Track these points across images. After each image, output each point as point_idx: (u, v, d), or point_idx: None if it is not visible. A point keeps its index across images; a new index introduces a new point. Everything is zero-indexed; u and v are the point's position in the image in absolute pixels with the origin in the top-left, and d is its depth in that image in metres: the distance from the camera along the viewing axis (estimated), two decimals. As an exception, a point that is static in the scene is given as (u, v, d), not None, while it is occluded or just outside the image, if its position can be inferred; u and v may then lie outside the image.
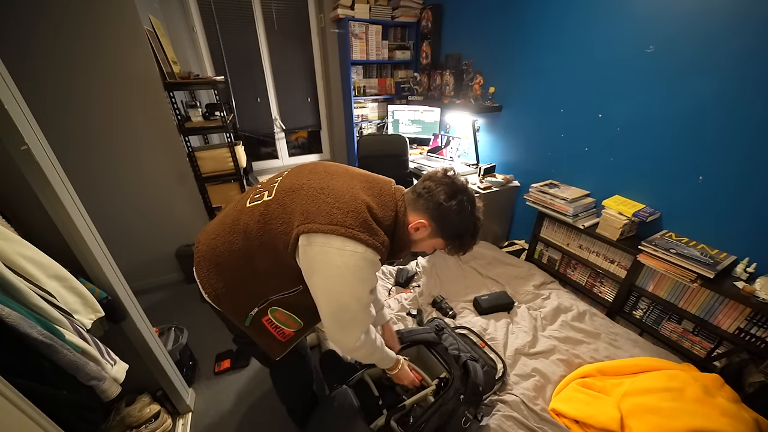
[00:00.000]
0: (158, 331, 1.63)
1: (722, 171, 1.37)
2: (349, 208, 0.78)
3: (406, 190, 0.93)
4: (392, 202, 0.86)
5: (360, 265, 0.78)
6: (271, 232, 0.81)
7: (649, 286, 1.59)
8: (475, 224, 0.90)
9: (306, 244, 0.76)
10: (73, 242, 1.02)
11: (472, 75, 2.43)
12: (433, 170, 0.94)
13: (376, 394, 1.20)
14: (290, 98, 3.31)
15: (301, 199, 0.80)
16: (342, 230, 0.75)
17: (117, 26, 1.77)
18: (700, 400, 1.08)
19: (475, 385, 1.16)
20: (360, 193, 0.83)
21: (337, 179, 0.85)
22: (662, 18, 1.43)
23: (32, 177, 0.91)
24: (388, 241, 0.83)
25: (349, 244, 0.75)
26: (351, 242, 0.75)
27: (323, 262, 0.76)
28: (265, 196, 0.86)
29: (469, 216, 0.88)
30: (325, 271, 0.77)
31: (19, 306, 0.75)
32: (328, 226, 0.75)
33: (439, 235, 0.90)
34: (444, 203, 0.85)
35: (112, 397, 0.92)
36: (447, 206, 0.85)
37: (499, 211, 2.39)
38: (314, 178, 0.85)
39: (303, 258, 0.78)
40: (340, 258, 0.75)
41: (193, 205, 2.40)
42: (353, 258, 0.76)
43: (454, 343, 1.46)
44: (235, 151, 2.38)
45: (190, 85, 2.23)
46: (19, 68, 1.19)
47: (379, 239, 0.79)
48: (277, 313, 0.92)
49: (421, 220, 0.87)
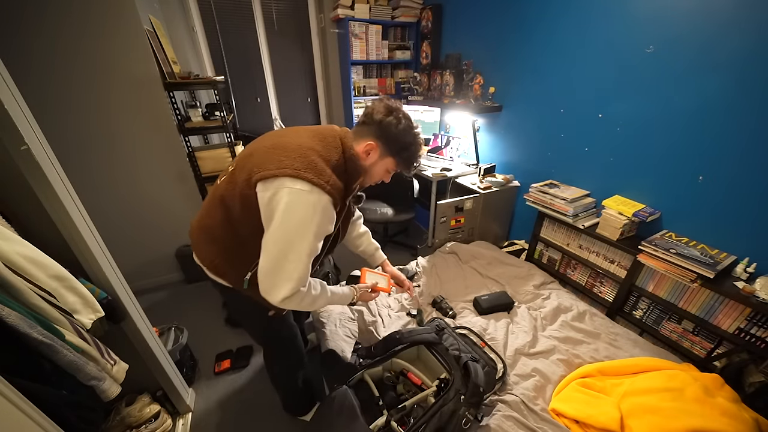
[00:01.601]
0: (158, 331, 1.63)
1: (722, 171, 1.37)
2: (296, 154, 0.87)
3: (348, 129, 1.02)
4: (335, 140, 0.95)
5: (305, 200, 0.85)
6: (237, 191, 0.90)
7: (649, 286, 1.59)
8: (414, 134, 1.01)
9: (262, 191, 0.85)
10: (73, 242, 1.02)
11: (472, 75, 2.43)
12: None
13: (377, 394, 1.20)
14: (290, 98, 3.31)
15: (255, 158, 0.90)
16: (289, 171, 0.84)
17: (117, 26, 1.77)
18: (700, 400, 1.08)
19: (475, 386, 1.16)
20: (306, 141, 0.92)
21: (286, 137, 0.95)
22: (662, 18, 1.43)
23: (32, 177, 0.91)
24: (336, 179, 0.90)
25: (296, 183, 0.84)
26: (298, 181, 0.84)
27: (273, 200, 0.84)
28: (230, 168, 0.99)
29: (407, 127, 0.98)
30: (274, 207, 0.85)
31: (19, 306, 0.75)
32: (277, 170, 0.84)
33: (387, 152, 1.00)
34: (384, 119, 0.96)
35: (112, 397, 0.92)
36: (387, 121, 0.96)
37: (499, 211, 2.39)
38: (265, 140, 0.97)
39: (262, 205, 0.86)
40: (288, 196, 0.83)
41: (194, 205, 2.40)
42: (298, 195, 0.84)
43: (454, 344, 1.46)
44: (235, 151, 2.38)
45: (190, 85, 2.23)
46: (20, 68, 1.19)
47: (325, 178, 0.87)
48: None
49: (369, 142, 0.98)
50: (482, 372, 1.23)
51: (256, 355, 1.89)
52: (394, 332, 1.43)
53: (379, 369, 1.35)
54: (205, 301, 2.33)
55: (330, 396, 1.16)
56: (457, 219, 2.26)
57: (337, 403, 1.11)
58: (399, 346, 1.36)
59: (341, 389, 1.16)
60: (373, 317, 1.72)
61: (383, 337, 1.44)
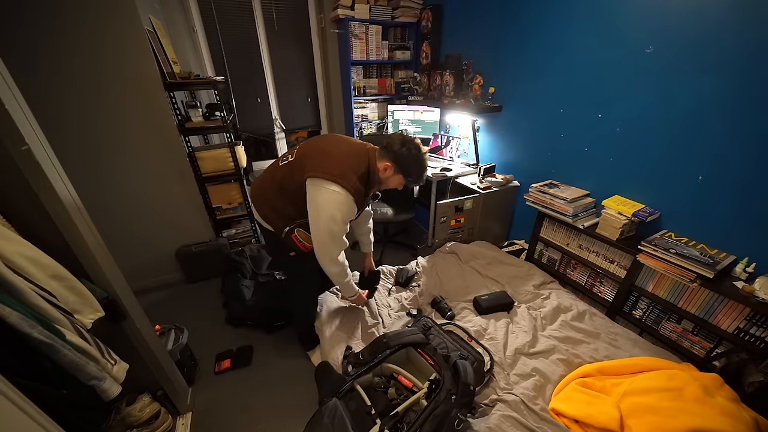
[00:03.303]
0: (158, 331, 1.63)
1: (722, 171, 1.37)
2: (336, 163, 1.29)
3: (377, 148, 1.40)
4: (365, 157, 1.36)
5: (336, 198, 1.26)
6: (293, 179, 1.34)
7: (648, 285, 1.60)
8: (420, 160, 1.35)
9: (310, 185, 1.29)
10: (74, 242, 1.02)
11: (472, 75, 2.43)
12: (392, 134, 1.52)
13: (368, 403, 1.19)
14: (290, 98, 3.31)
15: (309, 160, 1.33)
16: (327, 176, 1.26)
17: (117, 26, 1.77)
18: (700, 399, 1.08)
19: (466, 386, 1.16)
20: (344, 154, 1.34)
21: (332, 146, 1.38)
22: (662, 18, 1.43)
23: (32, 177, 0.91)
24: (360, 185, 1.31)
25: (330, 185, 1.26)
26: (332, 184, 1.26)
27: (316, 195, 1.28)
28: (290, 158, 1.40)
29: (416, 156, 1.34)
30: (316, 199, 1.28)
31: (19, 306, 0.75)
32: (320, 173, 1.26)
33: (399, 171, 1.36)
34: (399, 150, 1.33)
35: (112, 396, 0.92)
36: (401, 151, 1.33)
37: (498, 211, 2.39)
38: (319, 143, 1.42)
39: (307, 194, 1.30)
40: (324, 193, 1.27)
41: (194, 205, 2.40)
42: (332, 194, 1.26)
43: (442, 342, 1.47)
44: (236, 151, 2.39)
45: (190, 85, 2.23)
46: (20, 68, 1.19)
47: (350, 183, 1.27)
48: (300, 233, 1.44)
49: (387, 163, 1.35)
50: (471, 370, 1.24)
51: (257, 354, 1.89)
52: (381, 336, 1.43)
53: (369, 375, 1.34)
54: (205, 301, 2.33)
55: (319, 411, 1.15)
56: (457, 219, 2.26)
57: (327, 417, 1.10)
58: (387, 351, 1.36)
59: (331, 402, 1.15)
60: (374, 320, 1.72)
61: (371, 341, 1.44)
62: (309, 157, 1.33)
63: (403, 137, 1.35)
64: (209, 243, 2.48)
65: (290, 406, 1.59)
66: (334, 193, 1.25)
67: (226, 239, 2.60)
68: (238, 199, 2.57)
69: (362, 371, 1.31)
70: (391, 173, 1.36)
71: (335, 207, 1.27)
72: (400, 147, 1.33)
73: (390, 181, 1.41)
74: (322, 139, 1.47)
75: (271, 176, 1.46)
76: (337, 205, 1.27)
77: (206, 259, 2.43)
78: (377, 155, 1.37)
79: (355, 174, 1.30)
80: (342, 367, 1.43)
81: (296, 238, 1.45)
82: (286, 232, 1.43)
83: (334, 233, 1.34)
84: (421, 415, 1.08)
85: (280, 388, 1.69)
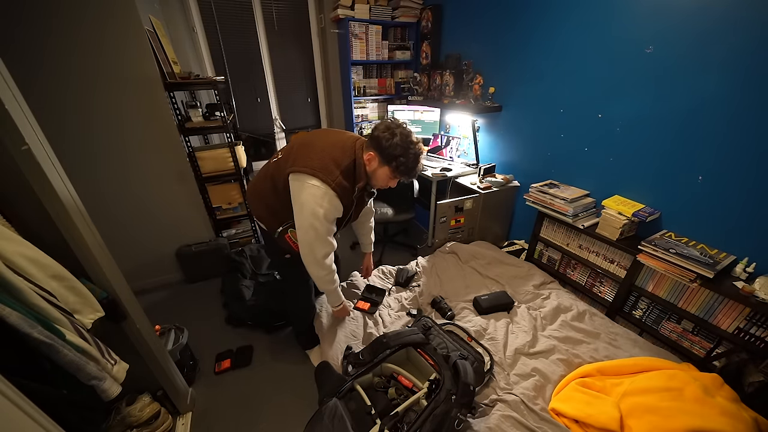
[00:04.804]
0: (158, 331, 1.63)
1: (722, 171, 1.37)
2: (317, 156, 1.22)
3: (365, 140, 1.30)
4: (351, 149, 1.27)
5: (316, 192, 1.19)
6: (281, 176, 1.28)
7: (648, 285, 1.59)
8: (405, 147, 1.20)
9: (292, 180, 1.24)
10: (74, 242, 1.02)
11: (472, 75, 2.43)
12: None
13: (368, 403, 1.19)
14: (290, 98, 3.31)
15: (293, 155, 1.28)
16: (307, 170, 1.19)
17: (117, 26, 1.77)
18: (700, 399, 1.08)
19: (465, 386, 1.15)
20: (328, 146, 1.26)
21: (317, 139, 1.31)
22: (662, 19, 1.43)
23: (32, 177, 0.91)
24: (343, 179, 1.22)
25: (310, 179, 1.19)
26: (312, 178, 1.19)
27: (299, 190, 1.22)
28: (279, 156, 1.37)
29: (399, 142, 1.19)
30: (299, 195, 1.22)
31: (19, 306, 0.75)
32: (300, 167, 1.21)
33: (383, 161, 1.23)
34: (379, 135, 1.21)
35: (112, 396, 0.91)
36: (381, 136, 1.21)
37: (498, 211, 2.39)
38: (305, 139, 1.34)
39: (291, 189, 1.24)
40: (305, 188, 1.20)
41: (194, 205, 2.40)
42: (312, 188, 1.19)
43: (442, 342, 1.46)
44: (236, 151, 2.39)
45: (190, 85, 2.23)
46: (20, 68, 1.19)
47: (331, 176, 1.19)
48: (293, 234, 1.36)
49: (369, 153, 1.24)
50: (471, 370, 1.23)
51: (257, 354, 1.89)
52: (380, 336, 1.43)
53: (369, 375, 1.34)
54: (205, 301, 2.33)
55: (319, 411, 1.15)
56: (457, 219, 2.26)
57: (327, 417, 1.10)
58: (387, 351, 1.36)
59: (331, 402, 1.15)
60: (374, 320, 1.72)
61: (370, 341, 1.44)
62: (293, 151, 1.28)
63: (388, 123, 1.22)
64: (209, 243, 2.48)
65: (290, 406, 1.59)
66: (314, 187, 1.18)
67: (226, 239, 2.60)
68: (238, 199, 2.57)
69: (362, 371, 1.31)
70: (376, 164, 1.25)
71: (315, 202, 1.19)
72: (381, 132, 1.20)
73: (378, 174, 1.27)
74: (312, 133, 1.39)
75: (264, 175, 1.40)
76: (318, 200, 1.19)
77: (206, 259, 2.43)
78: (364, 146, 1.27)
79: (338, 167, 1.21)
80: (342, 367, 1.43)
81: (290, 239, 1.39)
82: (279, 233, 1.39)
83: (318, 230, 1.24)
84: (421, 415, 1.08)
85: (280, 388, 1.69)
